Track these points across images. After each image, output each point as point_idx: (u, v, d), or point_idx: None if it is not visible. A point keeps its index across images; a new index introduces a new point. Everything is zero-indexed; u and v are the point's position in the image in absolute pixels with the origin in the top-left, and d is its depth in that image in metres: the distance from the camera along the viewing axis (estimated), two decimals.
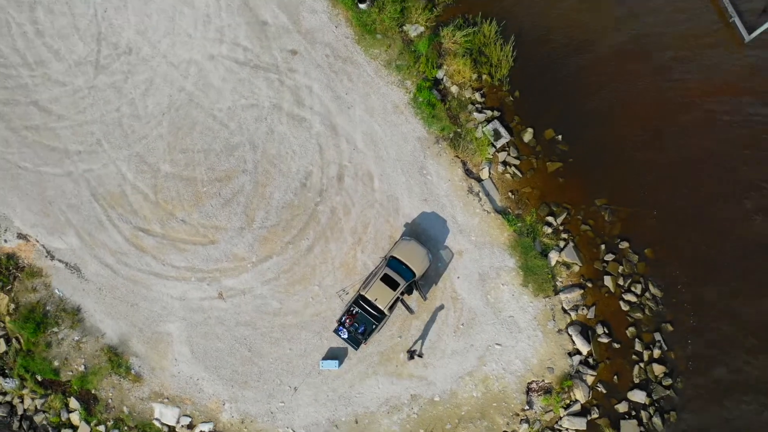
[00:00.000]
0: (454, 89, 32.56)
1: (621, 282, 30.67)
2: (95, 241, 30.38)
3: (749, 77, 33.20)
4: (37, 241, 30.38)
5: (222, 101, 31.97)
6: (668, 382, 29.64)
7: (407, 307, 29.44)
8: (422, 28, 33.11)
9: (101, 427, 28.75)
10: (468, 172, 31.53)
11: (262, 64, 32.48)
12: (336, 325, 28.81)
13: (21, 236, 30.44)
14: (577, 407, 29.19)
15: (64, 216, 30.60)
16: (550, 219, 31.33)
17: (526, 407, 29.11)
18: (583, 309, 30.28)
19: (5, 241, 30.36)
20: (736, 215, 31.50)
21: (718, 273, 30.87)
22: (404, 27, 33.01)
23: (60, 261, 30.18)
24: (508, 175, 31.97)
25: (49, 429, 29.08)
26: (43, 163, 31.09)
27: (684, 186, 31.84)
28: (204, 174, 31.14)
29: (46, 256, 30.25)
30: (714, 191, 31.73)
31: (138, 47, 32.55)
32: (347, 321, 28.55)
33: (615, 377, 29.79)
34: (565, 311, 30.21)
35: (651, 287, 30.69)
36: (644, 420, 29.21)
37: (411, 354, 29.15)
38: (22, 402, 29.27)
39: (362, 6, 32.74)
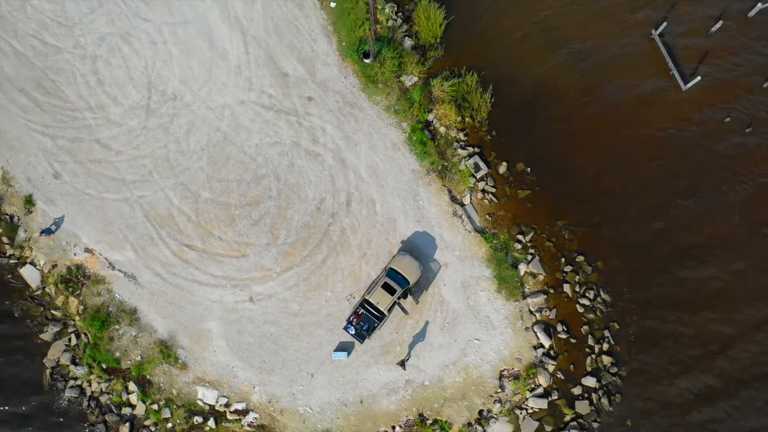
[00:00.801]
0: (442, 129, 39.46)
1: (577, 289, 37.52)
2: (148, 255, 37.12)
3: (686, 119, 40.15)
4: (101, 255, 37.11)
5: (251, 139, 38.80)
6: (614, 370, 36.44)
7: (403, 309, 36.22)
8: (416, 79, 40.03)
9: (155, 406, 35.45)
10: (453, 199, 38.38)
11: (284, 108, 39.33)
12: (345, 323, 35.58)
13: (87, 250, 37.17)
14: (540, 390, 35.96)
15: (122, 234, 37.35)
16: (520, 237, 38.17)
17: (499, 390, 35.85)
18: (546, 311, 37.07)
19: (74, 254, 37.10)
20: (672, 232, 38.38)
21: (656, 280, 37.74)
22: (401, 78, 39.94)
23: (119, 271, 36.90)
24: (486, 201, 38.80)
25: (112, 407, 35.76)
26: (104, 190, 37.86)
27: (629, 209, 38.71)
28: (237, 199, 37.93)
29: (108, 267, 36.97)
30: (652, 213, 38.62)
31: (181, 94, 39.39)
32: (354, 320, 35.28)
33: (571, 366, 36.55)
34: (531, 312, 37.01)
35: (602, 293, 37.54)
36: (594, 401, 35.98)
37: (402, 363, 35.64)
38: (90, 385, 35.96)
39: (366, 61, 39.63)
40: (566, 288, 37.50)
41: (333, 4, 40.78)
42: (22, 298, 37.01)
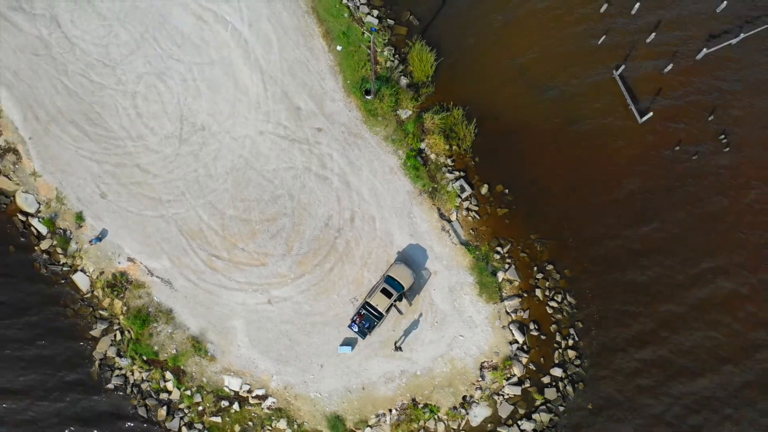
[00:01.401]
0: (432, 156, 45.93)
1: (547, 293, 43.95)
2: (182, 264, 43.46)
3: (641, 146, 46.61)
4: (141, 263, 43.44)
5: (269, 164, 45.22)
6: (578, 362, 42.85)
7: (398, 310, 42.60)
8: (410, 112, 46.53)
9: (188, 392, 41.73)
10: (441, 216, 44.82)
11: (297, 138, 45.79)
12: (349, 322, 41.91)
13: (130, 259, 43.51)
14: (515, 379, 42.33)
15: (160, 245, 43.69)
16: (498, 249, 44.60)
17: (480, 379, 42.19)
18: (520, 312, 43.46)
19: (119, 262, 43.42)
20: (628, 243, 44.78)
21: (615, 286, 44.14)
22: (398, 111, 46.45)
23: (157, 277, 43.24)
24: (469, 218, 45.25)
25: (152, 393, 42.06)
26: (144, 208, 44.22)
27: (591, 225, 45.15)
28: (257, 216, 44.31)
29: (147, 274, 43.31)
30: (611, 228, 45.08)
31: (209, 125, 45.83)
32: (357, 319, 41.61)
33: (541, 359, 42.93)
34: (507, 313, 43.40)
35: (568, 297, 43.98)
36: (561, 388, 42.35)
37: (397, 347, 41.99)
38: (132, 375, 42.27)
39: (368, 97, 46.12)
40: (538, 292, 43.91)
41: (339, 48, 47.32)
42: (74, 301, 43.43)
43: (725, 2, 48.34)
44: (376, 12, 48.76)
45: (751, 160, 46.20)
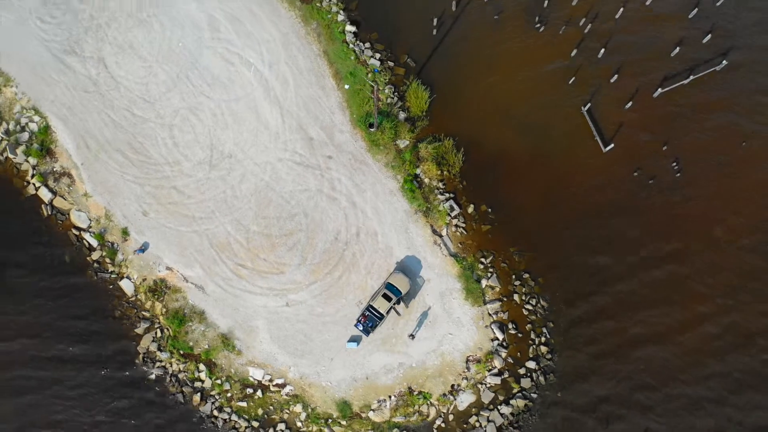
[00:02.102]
0: (426, 180, 53.58)
1: (523, 297, 51.51)
2: (212, 272, 50.92)
3: (605, 172, 54.20)
4: (178, 271, 50.90)
5: (286, 187, 52.78)
6: (549, 357, 50.37)
7: (397, 312, 50.08)
8: (408, 142, 54.21)
9: (218, 381, 49.13)
10: (434, 231, 52.40)
11: (311, 164, 53.39)
12: (355, 321, 49.34)
13: (168, 268, 50.96)
14: (495, 371, 49.82)
15: (193, 256, 51.17)
16: (482, 260, 52.21)
17: (466, 370, 49.65)
18: (500, 313, 51.00)
19: (159, 271, 50.87)
20: (594, 255, 52.35)
21: (582, 291, 51.67)
22: (397, 142, 54.10)
23: (192, 283, 50.70)
24: (458, 233, 52.83)
25: (187, 382, 49.46)
26: (180, 224, 51.73)
27: (561, 239, 52.70)
28: (276, 231, 51.83)
29: (183, 280, 50.76)
30: (578, 242, 52.63)
31: (235, 153, 53.41)
32: (362, 319, 49.05)
33: (518, 353, 50.44)
34: (489, 315, 50.93)
35: (541, 301, 51.54)
36: (535, 378, 49.86)
37: (412, 336, 49.44)
38: (171, 366, 49.71)
39: (371, 129, 53.78)
40: (515, 297, 51.45)
41: (347, 87, 55.01)
42: (120, 303, 50.87)
43: (678, 48, 56.19)
44: (378, 55, 56.58)
45: (698, 182, 53.83)
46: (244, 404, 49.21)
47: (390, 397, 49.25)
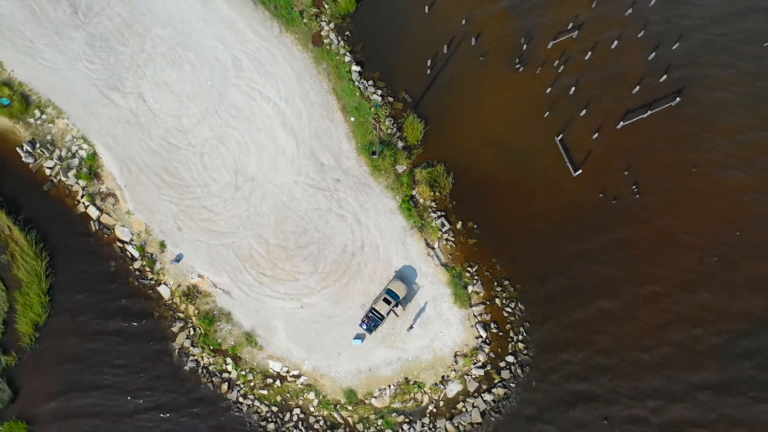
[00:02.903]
0: (421, 200, 62.18)
1: (504, 301, 60.01)
2: (237, 279, 59.30)
3: (574, 193, 62.82)
4: (208, 278, 59.27)
5: (301, 206, 61.27)
6: (525, 352, 58.84)
7: (395, 314, 58.51)
8: (405, 167, 62.82)
9: (243, 372, 57.42)
10: (427, 244, 60.92)
11: (321, 186, 61.90)
12: (360, 321, 57.69)
13: (199, 276, 59.34)
14: (479, 364, 58.23)
15: (221, 266, 59.56)
16: (469, 269, 60.72)
17: (454, 363, 58.06)
18: (484, 315, 59.48)
19: (191, 278, 59.24)
20: (565, 265, 60.86)
21: (555, 297, 60.16)
22: (396, 167, 62.70)
23: (220, 289, 59.05)
24: (448, 246, 61.35)
25: (216, 373, 57.76)
26: (209, 238, 60.17)
27: (537, 252, 61.25)
28: (293, 244, 60.28)
29: (213, 286, 59.14)
30: (552, 255, 61.17)
31: (257, 176, 61.91)
32: (366, 320, 57.44)
33: (499, 349, 58.88)
34: (475, 316, 59.39)
35: (519, 304, 60.06)
36: (513, 370, 58.30)
37: (411, 327, 57.81)
38: (202, 360, 58.03)
39: (374, 156, 62.36)
40: (497, 301, 59.98)
41: (352, 119, 63.64)
42: (158, 306, 59.20)
43: (638, 86, 65.04)
44: (379, 92, 65.29)
45: (654, 203, 62.52)
46: (265, 392, 57.57)
47: (389, 386, 57.62)
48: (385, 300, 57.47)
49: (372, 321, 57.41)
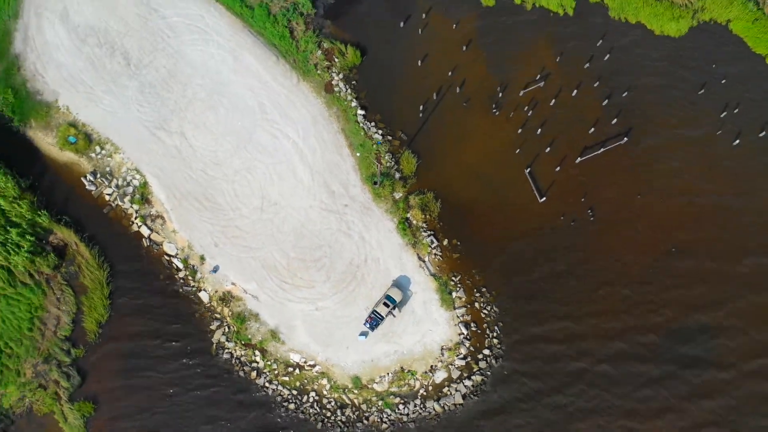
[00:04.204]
0: (414, 222, 75.52)
1: (482, 305, 73.28)
2: (264, 286, 72.38)
3: (540, 216, 76.24)
4: (240, 286, 72.36)
5: (316, 226, 74.49)
6: (499, 347, 72.12)
7: (393, 315, 71.68)
8: (401, 194, 76.17)
9: (269, 362, 70.30)
10: (419, 258, 74.20)
11: (332, 209, 75.13)
12: (364, 321, 70.76)
13: (233, 283, 72.42)
14: (461, 356, 71.51)
15: (250, 275, 72.67)
16: (453, 278, 74.02)
17: (441, 355, 71.25)
18: (465, 316, 72.69)
19: (226, 285, 72.27)
20: (533, 276, 74.11)
21: (523, 301, 73.39)
22: (394, 194, 76.06)
23: (250, 294, 72.14)
24: (436, 259, 74.64)
25: (247, 363, 70.71)
26: (240, 252, 73.35)
27: (510, 264, 74.49)
28: (309, 257, 73.44)
29: (244, 292, 72.19)
30: (522, 266, 74.43)
31: (279, 201, 75.10)
32: (368, 320, 70.60)
33: (478, 344, 72.11)
34: (458, 317, 72.64)
35: (494, 307, 73.34)
36: (488, 362, 71.46)
37: (395, 315, 71.10)
38: (235, 352, 71.02)
39: (375, 185, 75.66)
40: (476, 304, 73.21)
41: (358, 154, 77.04)
42: (199, 308, 72.14)
43: (594, 128, 78.74)
44: (380, 131, 78.77)
45: (606, 226, 75.95)
46: (286, 378, 70.55)
47: (388, 374, 70.67)
48: (385, 303, 70.48)
49: (374, 321, 70.38)
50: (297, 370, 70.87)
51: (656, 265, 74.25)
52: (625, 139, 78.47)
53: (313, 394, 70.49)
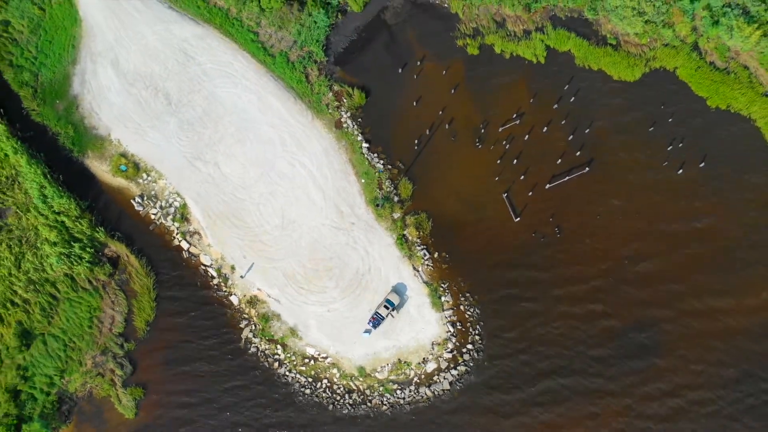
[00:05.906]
0: (410, 238, 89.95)
1: (466, 307, 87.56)
2: (284, 291, 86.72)
3: (515, 233, 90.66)
4: (264, 290, 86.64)
5: (327, 241, 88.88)
6: (481, 342, 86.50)
7: (392, 316, 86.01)
8: (399, 215, 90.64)
9: (289, 355, 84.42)
10: (414, 268, 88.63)
11: (341, 227, 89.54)
12: (368, 321, 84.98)
13: (258, 288, 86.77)
14: (449, 350, 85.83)
15: (273, 282, 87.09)
16: (442, 285, 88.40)
17: (432, 349, 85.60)
18: (452, 316, 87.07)
19: (253, 290, 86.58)
20: (509, 283, 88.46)
21: (502, 304, 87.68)
22: (393, 214, 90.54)
23: (273, 298, 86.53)
24: (428, 269, 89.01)
25: (270, 355, 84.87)
26: (265, 263, 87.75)
27: (490, 274, 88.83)
28: (321, 267, 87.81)
29: (268, 296, 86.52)
30: (500, 276, 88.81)
31: (297, 220, 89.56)
32: (371, 320, 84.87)
33: (462, 340, 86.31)
34: (446, 317, 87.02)
35: (477, 309, 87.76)
36: (472, 355, 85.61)
37: (390, 314, 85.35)
38: (260, 346, 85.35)
39: (378, 207, 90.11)
40: (461, 307, 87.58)
41: (363, 181, 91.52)
42: (230, 309, 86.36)
43: (560, 159, 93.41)
44: (382, 161, 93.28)
45: (571, 243, 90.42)
46: (303, 368, 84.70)
47: (387, 364, 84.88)
48: (385, 306, 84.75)
49: (376, 321, 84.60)
50: (312, 362, 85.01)
51: (611, 270, 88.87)
52: (587, 168, 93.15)
53: (325, 381, 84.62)
